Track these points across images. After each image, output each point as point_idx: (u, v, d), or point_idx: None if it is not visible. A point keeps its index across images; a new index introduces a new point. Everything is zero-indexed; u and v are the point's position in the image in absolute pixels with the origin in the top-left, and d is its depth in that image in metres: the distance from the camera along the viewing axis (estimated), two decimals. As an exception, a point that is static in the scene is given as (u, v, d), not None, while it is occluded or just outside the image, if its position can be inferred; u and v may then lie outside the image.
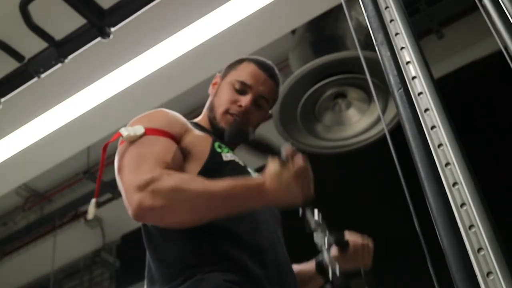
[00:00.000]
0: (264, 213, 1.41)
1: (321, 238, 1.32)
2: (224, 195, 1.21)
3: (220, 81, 1.59)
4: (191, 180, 1.26)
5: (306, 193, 1.25)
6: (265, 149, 1.26)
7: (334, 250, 1.38)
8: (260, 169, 1.60)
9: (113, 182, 4.38)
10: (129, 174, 1.27)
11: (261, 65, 1.58)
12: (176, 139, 1.38)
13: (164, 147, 1.33)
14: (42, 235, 4.71)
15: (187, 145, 1.38)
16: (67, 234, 4.65)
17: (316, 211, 1.33)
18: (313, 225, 1.32)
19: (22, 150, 3.08)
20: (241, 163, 1.46)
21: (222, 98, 1.54)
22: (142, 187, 1.21)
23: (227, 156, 1.42)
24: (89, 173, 4.26)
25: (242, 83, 1.53)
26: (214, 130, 1.51)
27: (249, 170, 1.51)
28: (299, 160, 1.23)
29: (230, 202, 1.22)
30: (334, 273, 1.30)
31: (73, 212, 4.68)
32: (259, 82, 1.54)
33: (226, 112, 1.51)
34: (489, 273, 0.81)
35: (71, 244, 4.74)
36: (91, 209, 1.35)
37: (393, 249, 3.41)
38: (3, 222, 4.77)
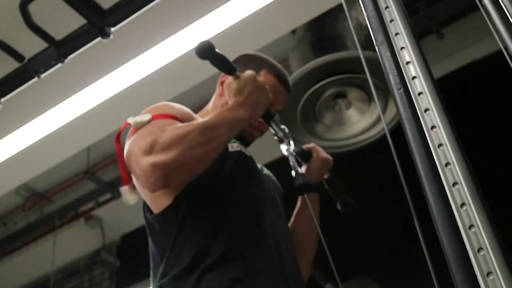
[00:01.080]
0: (267, 206, 1.43)
1: (287, 149, 1.58)
2: (216, 121, 1.30)
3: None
4: (184, 125, 1.32)
5: (268, 99, 1.40)
6: (225, 64, 1.40)
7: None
8: (267, 165, 1.64)
9: (113, 182, 4.40)
10: (135, 148, 1.28)
11: (280, 76, 1.61)
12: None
13: (169, 122, 1.36)
14: (42, 235, 4.72)
15: None
16: (67, 234, 4.65)
17: (283, 126, 1.55)
18: (280, 134, 1.54)
19: (22, 150, 3.08)
20: (247, 153, 1.48)
21: None
22: (149, 149, 1.22)
23: (233, 146, 1.44)
24: (89, 173, 4.26)
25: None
26: None
27: (255, 162, 1.53)
28: (248, 72, 1.39)
29: (224, 125, 1.30)
30: (297, 172, 1.56)
31: (73, 212, 4.68)
32: (278, 99, 1.58)
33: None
34: (489, 273, 0.81)
35: (71, 244, 4.74)
36: (127, 197, 1.34)
37: (393, 249, 3.41)
38: (3, 222, 4.77)
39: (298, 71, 3.03)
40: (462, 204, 0.88)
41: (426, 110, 0.99)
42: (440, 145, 0.95)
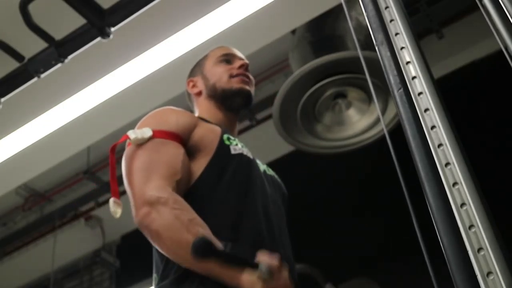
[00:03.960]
0: (267, 208, 1.42)
1: None
2: (204, 264, 1.19)
3: (200, 75, 1.68)
4: (188, 223, 1.23)
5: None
6: (241, 263, 1.21)
7: None
8: (269, 164, 1.62)
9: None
10: (139, 181, 1.30)
11: (223, 46, 1.71)
12: (184, 139, 1.39)
13: (173, 154, 1.35)
14: (42, 235, 4.71)
15: (196, 140, 1.41)
16: (67, 234, 4.65)
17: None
18: None
19: (22, 150, 3.08)
20: (249, 155, 1.47)
21: (219, 74, 1.62)
22: (150, 203, 1.25)
23: (236, 149, 1.43)
24: (89, 173, 4.26)
25: (224, 55, 1.64)
26: (225, 102, 1.58)
27: (258, 162, 1.52)
28: (282, 278, 1.19)
29: (206, 272, 1.21)
30: None
31: (73, 212, 4.68)
32: (236, 52, 1.67)
33: (231, 76, 1.59)
34: (489, 273, 0.81)
35: (71, 244, 4.74)
36: (114, 209, 1.37)
37: (392, 249, 3.41)
38: (3, 222, 4.77)
39: (298, 71, 3.04)
40: (462, 204, 0.88)
41: (426, 110, 0.99)
42: (440, 145, 0.95)
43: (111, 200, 1.37)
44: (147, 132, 1.36)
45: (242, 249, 1.29)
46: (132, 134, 1.36)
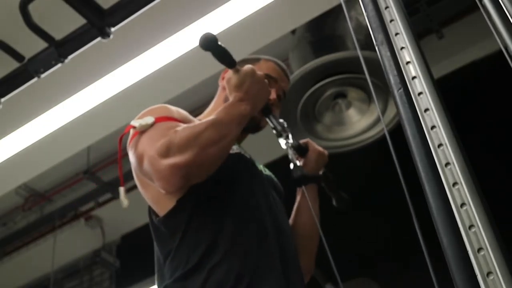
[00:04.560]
0: (269, 207, 1.43)
1: (285, 143, 1.59)
2: (223, 119, 1.33)
3: None
4: (195, 125, 1.33)
5: (267, 93, 1.43)
6: (226, 58, 1.42)
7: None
8: (267, 165, 1.65)
9: (113, 182, 4.39)
10: (149, 151, 1.30)
11: (278, 64, 1.70)
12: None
13: (175, 124, 1.38)
14: (42, 235, 4.72)
15: None
16: (67, 234, 4.65)
17: (281, 119, 1.57)
18: (279, 128, 1.56)
19: (22, 150, 3.08)
20: (247, 155, 1.49)
21: None
22: (166, 152, 1.25)
23: (233, 149, 1.44)
24: (89, 173, 4.26)
25: (268, 76, 1.61)
26: None
27: (256, 162, 1.53)
28: (247, 67, 1.41)
29: (231, 121, 1.34)
30: (295, 165, 1.58)
31: (73, 212, 4.68)
32: (281, 78, 1.67)
33: None
34: (489, 273, 0.81)
35: (71, 244, 4.74)
36: (123, 199, 1.38)
37: (392, 249, 3.41)
38: (3, 222, 4.77)
39: (298, 71, 3.04)
40: (462, 204, 0.88)
41: (426, 110, 0.99)
42: (440, 145, 0.95)
43: (121, 188, 1.39)
44: (149, 119, 1.39)
45: None
46: (135, 122, 1.39)
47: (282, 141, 1.61)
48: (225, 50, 1.42)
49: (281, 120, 1.59)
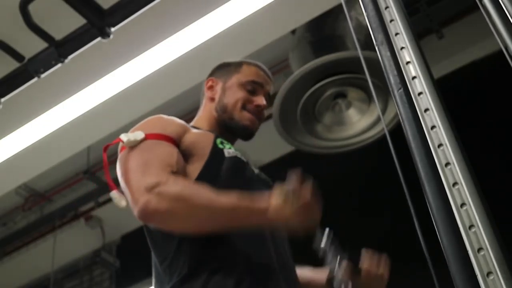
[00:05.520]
0: None
1: (331, 259, 1.33)
2: (226, 213, 1.24)
3: (222, 83, 1.62)
4: (196, 190, 1.28)
5: (310, 224, 1.26)
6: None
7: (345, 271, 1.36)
8: (269, 164, 1.62)
9: (113, 182, 4.35)
10: (136, 177, 1.30)
11: (260, 67, 1.64)
12: (176, 142, 1.40)
13: (167, 151, 1.36)
14: (42, 235, 4.71)
15: (188, 145, 1.40)
16: (67, 234, 4.65)
17: (326, 232, 1.35)
18: (321, 252, 1.33)
19: (22, 150, 3.08)
20: (243, 159, 1.47)
21: (235, 99, 1.57)
22: (149, 189, 1.24)
23: (230, 152, 1.43)
24: (89, 173, 4.26)
25: (254, 82, 1.58)
26: (227, 129, 1.55)
27: (252, 166, 1.52)
28: (306, 194, 1.21)
29: (231, 220, 1.25)
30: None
31: (73, 212, 4.68)
32: (266, 81, 1.62)
33: (243, 108, 1.55)
34: (489, 273, 0.81)
35: (71, 244, 4.74)
36: (118, 201, 1.36)
37: (392, 249, 3.41)
38: (3, 222, 4.77)
39: (298, 71, 3.04)
40: (462, 204, 0.88)
41: (426, 110, 0.99)
42: (440, 145, 0.95)
43: (113, 192, 1.38)
44: (139, 135, 1.37)
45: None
46: (124, 137, 1.37)
47: (329, 260, 1.35)
48: None
49: (325, 240, 1.36)
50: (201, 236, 1.30)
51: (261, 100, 1.56)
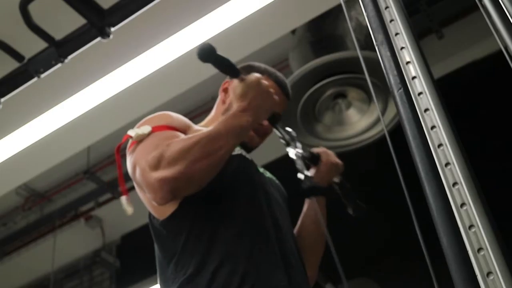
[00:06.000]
0: (272, 207, 1.43)
1: (294, 152, 1.52)
2: (220, 131, 1.30)
3: None
4: (189, 137, 1.33)
5: (272, 103, 1.40)
6: (229, 68, 1.40)
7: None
8: (266, 166, 1.63)
9: (113, 182, 4.38)
10: (141, 163, 1.30)
11: (280, 83, 1.63)
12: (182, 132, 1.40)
13: (172, 134, 1.38)
14: (42, 235, 4.72)
15: None
16: (67, 234, 4.65)
17: (289, 128, 1.53)
18: (287, 138, 1.51)
19: (22, 150, 3.08)
20: (248, 157, 1.48)
21: None
22: (156, 165, 1.25)
23: (234, 150, 1.44)
24: (89, 173, 4.27)
25: None
26: None
27: (256, 165, 1.53)
28: (254, 75, 1.39)
29: (227, 135, 1.31)
30: (305, 176, 1.48)
31: (73, 212, 4.68)
32: (279, 103, 1.59)
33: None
34: (489, 273, 0.81)
35: (71, 244, 4.75)
36: (126, 207, 1.38)
37: (392, 249, 3.41)
38: (3, 222, 4.77)
39: (298, 71, 3.04)
40: (462, 204, 0.88)
41: (426, 110, 0.99)
42: (440, 145, 0.95)
43: (123, 197, 1.38)
44: (146, 129, 1.38)
45: None
46: (132, 132, 1.39)
47: (290, 150, 1.55)
48: (226, 60, 1.39)
49: (289, 129, 1.56)
50: (206, 234, 1.31)
51: (267, 124, 1.54)
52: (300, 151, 1.55)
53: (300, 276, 1.40)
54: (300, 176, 1.50)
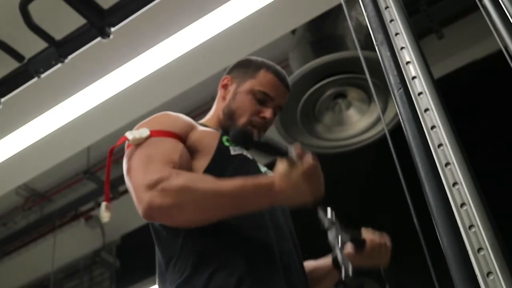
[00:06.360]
0: (273, 209, 1.42)
1: (334, 237, 1.33)
2: (233, 195, 1.23)
3: (236, 86, 1.60)
4: (200, 179, 1.28)
5: (316, 192, 1.26)
6: (273, 150, 1.27)
7: (349, 248, 1.35)
8: (269, 165, 1.62)
9: (113, 182, 4.36)
10: (138, 174, 1.30)
11: (279, 75, 1.60)
12: (182, 138, 1.40)
13: (171, 147, 1.36)
14: (42, 235, 4.71)
15: (193, 142, 1.41)
16: (67, 234, 4.65)
17: (329, 209, 1.35)
18: (326, 223, 1.33)
19: (22, 150, 3.08)
20: (249, 156, 1.47)
21: (243, 108, 1.55)
22: (152, 186, 1.23)
23: (235, 149, 1.43)
24: (89, 173, 4.26)
25: (265, 94, 1.55)
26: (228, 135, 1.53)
27: (258, 164, 1.52)
28: (308, 159, 1.23)
29: (239, 202, 1.24)
30: (346, 272, 1.29)
31: (73, 212, 4.68)
32: (279, 94, 1.58)
33: (249, 123, 1.53)
34: (489, 273, 0.81)
35: (71, 244, 4.74)
36: (103, 213, 1.36)
37: (392, 249, 3.41)
38: (3, 222, 4.76)
39: (298, 71, 3.04)
40: (462, 204, 0.88)
41: (426, 110, 1.00)
42: (440, 145, 0.95)
43: (103, 204, 1.36)
44: (144, 132, 1.37)
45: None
46: (129, 135, 1.37)
47: (331, 235, 1.34)
48: (268, 144, 1.28)
49: (329, 210, 1.36)
50: (205, 236, 1.30)
51: (268, 113, 1.53)
52: (341, 235, 1.35)
53: (299, 279, 1.40)
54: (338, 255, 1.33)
